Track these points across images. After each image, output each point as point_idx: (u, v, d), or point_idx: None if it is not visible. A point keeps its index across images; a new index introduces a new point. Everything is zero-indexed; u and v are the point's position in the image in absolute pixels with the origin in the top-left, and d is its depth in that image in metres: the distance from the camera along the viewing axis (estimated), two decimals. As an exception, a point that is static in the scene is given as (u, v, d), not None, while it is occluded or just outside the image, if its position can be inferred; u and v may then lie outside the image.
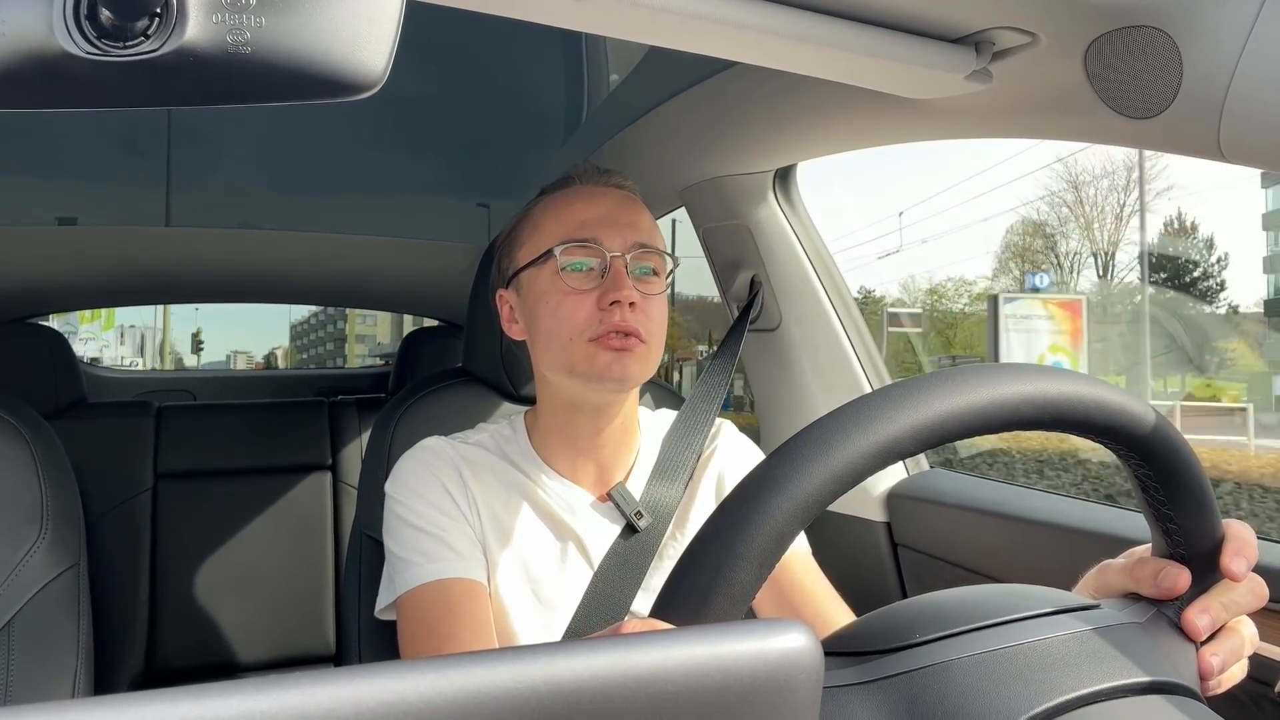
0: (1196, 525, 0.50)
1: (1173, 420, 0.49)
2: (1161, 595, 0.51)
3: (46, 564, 1.08)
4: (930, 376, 0.44)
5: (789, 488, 0.40)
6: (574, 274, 0.91)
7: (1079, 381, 0.46)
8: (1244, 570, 0.51)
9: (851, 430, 0.41)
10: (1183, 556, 0.51)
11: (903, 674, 0.41)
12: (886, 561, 1.32)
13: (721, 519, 0.41)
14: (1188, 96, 0.67)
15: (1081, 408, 0.45)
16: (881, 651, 0.43)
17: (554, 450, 0.98)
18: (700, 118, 1.23)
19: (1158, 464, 0.48)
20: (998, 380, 0.44)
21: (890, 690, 0.41)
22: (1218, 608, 0.51)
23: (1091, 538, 0.98)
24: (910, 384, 0.43)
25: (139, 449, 1.79)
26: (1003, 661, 0.42)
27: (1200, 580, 0.51)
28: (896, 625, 0.45)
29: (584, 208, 0.94)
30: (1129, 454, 0.48)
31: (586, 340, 0.89)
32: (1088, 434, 0.47)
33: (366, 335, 38.55)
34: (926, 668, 0.41)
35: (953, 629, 0.43)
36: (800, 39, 0.73)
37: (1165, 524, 0.51)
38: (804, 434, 0.42)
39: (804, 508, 0.40)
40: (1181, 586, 0.51)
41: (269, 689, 0.23)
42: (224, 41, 0.30)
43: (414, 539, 0.90)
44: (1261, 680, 0.77)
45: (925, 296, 21.99)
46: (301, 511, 1.87)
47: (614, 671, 0.26)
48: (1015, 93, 0.83)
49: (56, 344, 1.81)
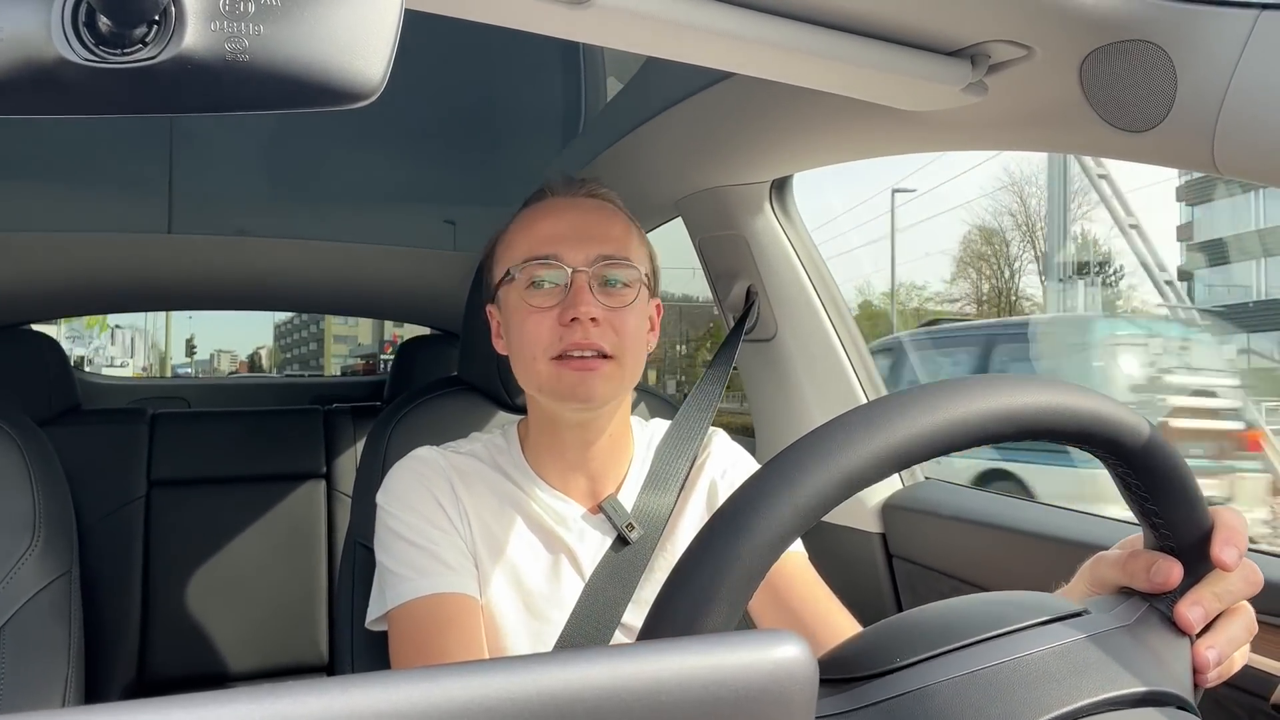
0: (1183, 517, 0.50)
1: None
2: (1154, 590, 0.51)
3: (38, 571, 1.07)
4: (906, 392, 0.44)
5: (780, 501, 0.39)
6: (536, 291, 0.89)
7: (1046, 390, 0.45)
8: (1234, 559, 0.50)
9: (854, 438, 0.41)
10: (1173, 549, 0.51)
11: (885, 701, 0.41)
12: (882, 573, 1.32)
13: (710, 537, 0.40)
14: (1182, 110, 0.68)
15: (1052, 416, 0.45)
16: (864, 678, 0.42)
17: (545, 462, 0.97)
18: (697, 128, 1.23)
19: (1137, 462, 0.48)
20: (970, 393, 0.43)
21: (873, 718, 0.40)
22: (1210, 598, 0.50)
23: (1086, 548, 0.97)
24: (903, 395, 0.43)
25: (132, 456, 1.78)
26: (984, 683, 0.41)
27: (1193, 571, 0.51)
28: (879, 648, 0.44)
29: (549, 223, 0.92)
30: (1105, 455, 0.48)
31: (549, 359, 0.88)
32: (1064, 441, 0.47)
33: (347, 336, 38.60)
34: (909, 693, 0.41)
35: (934, 650, 0.43)
36: (797, 50, 0.73)
37: (1151, 518, 0.50)
38: (801, 443, 0.42)
39: (799, 518, 0.39)
40: (1174, 580, 0.50)
41: (261, 698, 0.23)
42: (222, 49, 0.30)
43: (405, 552, 0.89)
44: (1256, 693, 0.76)
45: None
46: (296, 520, 1.86)
47: (607, 682, 0.26)
48: (1011, 105, 0.83)
49: (51, 350, 1.81)
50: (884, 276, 26.35)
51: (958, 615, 0.47)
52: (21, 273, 1.86)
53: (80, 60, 0.29)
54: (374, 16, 0.32)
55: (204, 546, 1.78)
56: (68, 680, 1.07)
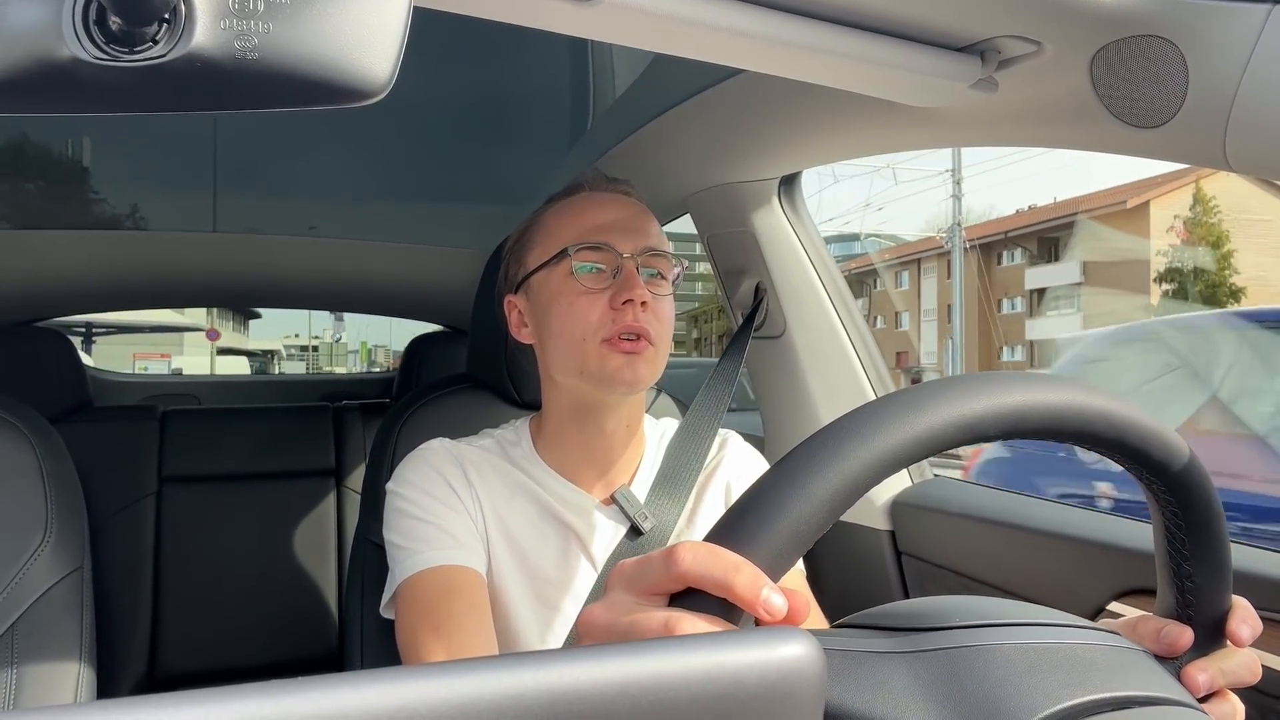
0: (1212, 588, 0.51)
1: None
2: (1162, 651, 0.51)
3: (50, 568, 1.08)
4: (1004, 372, 0.45)
5: (872, 440, 0.40)
6: (587, 275, 0.92)
7: (1118, 402, 0.46)
8: (1250, 638, 0.51)
9: (941, 400, 0.41)
10: (1190, 619, 0.51)
11: (942, 650, 0.41)
12: (890, 570, 1.32)
13: (801, 457, 0.40)
14: (1193, 106, 0.67)
15: (1122, 428, 0.45)
16: (923, 629, 0.43)
17: (559, 454, 0.98)
18: (705, 125, 1.23)
19: (1190, 514, 0.48)
20: (1045, 388, 0.44)
21: (930, 662, 0.41)
22: (1216, 672, 0.51)
23: (1095, 547, 0.97)
24: (967, 378, 0.44)
25: (143, 453, 1.79)
26: (1045, 654, 0.42)
27: (1201, 646, 0.52)
28: (935, 610, 0.45)
29: (596, 212, 0.95)
30: (1165, 494, 0.48)
31: (599, 341, 0.90)
32: (1119, 456, 0.47)
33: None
34: (969, 647, 0.41)
35: (991, 620, 0.44)
36: (806, 47, 0.73)
37: (1182, 581, 0.51)
38: (894, 396, 0.42)
39: (886, 461, 0.40)
40: (1184, 645, 0.51)
41: (271, 693, 0.23)
42: (232, 47, 0.30)
43: (414, 528, 0.90)
44: (1268, 693, 0.76)
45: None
46: (305, 516, 1.87)
47: (617, 680, 0.26)
48: (1020, 101, 0.83)
49: (61, 347, 1.82)
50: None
51: (1005, 604, 0.47)
52: (26, 269, 1.87)
53: (91, 59, 0.29)
54: (382, 14, 0.32)
55: (214, 543, 1.79)
56: (79, 675, 1.08)
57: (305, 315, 47.08)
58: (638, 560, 0.38)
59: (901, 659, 0.41)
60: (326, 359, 40.60)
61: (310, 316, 44.14)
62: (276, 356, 37.92)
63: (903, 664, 0.41)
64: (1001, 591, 1.10)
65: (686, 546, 0.36)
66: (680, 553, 0.36)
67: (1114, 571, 0.95)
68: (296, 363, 41.92)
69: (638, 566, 0.38)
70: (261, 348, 37.43)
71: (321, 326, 43.20)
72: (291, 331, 49.67)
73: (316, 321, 45.15)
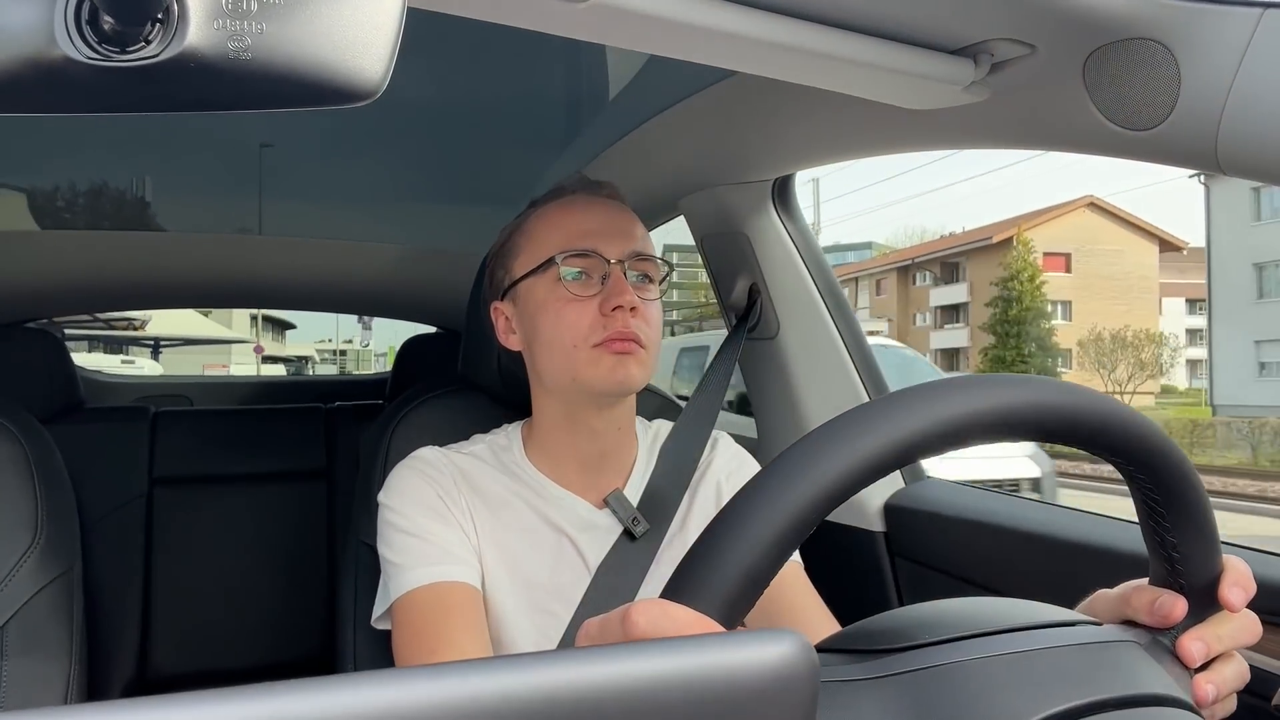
0: (1198, 555, 0.50)
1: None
2: (1156, 623, 0.51)
3: (41, 569, 1.08)
4: (945, 380, 0.44)
5: (816, 473, 0.40)
6: (575, 282, 0.92)
7: (1086, 396, 0.46)
8: (1241, 601, 0.51)
9: (892, 417, 0.41)
10: (1181, 586, 0.51)
11: (911, 672, 0.41)
12: (884, 572, 1.32)
13: (741, 503, 0.40)
14: (1185, 109, 0.67)
15: (1095, 422, 0.45)
16: (890, 650, 0.42)
17: (550, 460, 0.98)
18: (698, 127, 1.23)
19: (1169, 491, 0.48)
20: (1010, 389, 0.44)
21: (898, 687, 0.41)
22: (1213, 638, 0.51)
23: (1089, 550, 0.98)
24: (936, 384, 0.44)
25: (135, 454, 1.78)
26: (1011, 666, 0.42)
27: (1196, 612, 0.51)
28: (904, 626, 0.44)
29: (581, 217, 0.95)
30: (1138, 474, 0.48)
31: (590, 346, 0.90)
32: (1099, 450, 0.47)
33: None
34: (935, 667, 0.41)
35: (959, 633, 0.43)
36: (799, 49, 0.73)
37: (1168, 551, 0.51)
38: (839, 420, 0.42)
39: (831, 493, 0.40)
40: (1178, 615, 0.51)
41: (261, 696, 0.23)
42: (225, 47, 0.30)
43: (407, 544, 0.90)
44: (1259, 693, 0.76)
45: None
46: (297, 518, 1.86)
47: (608, 682, 0.26)
48: (1014, 104, 0.83)
49: (53, 348, 1.81)
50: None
51: (981, 608, 0.47)
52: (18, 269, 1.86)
53: (84, 59, 0.29)
54: (376, 15, 0.32)
55: (205, 544, 1.78)
56: (70, 678, 1.07)
57: (333, 321, 47.91)
58: (601, 620, 0.39)
59: (869, 686, 0.41)
60: (354, 363, 41.66)
61: (338, 321, 45.01)
62: (310, 361, 39.19)
63: (870, 691, 0.40)
64: (995, 593, 1.10)
65: (640, 608, 0.37)
66: (634, 615, 0.37)
67: (1107, 572, 0.95)
68: (329, 366, 43.38)
69: (600, 627, 0.39)
70: (297, 354, 38.49)
71: (351, 331, 43.80)
72: (323, 337, 50.57)
73: (344, 328, 45.87)
